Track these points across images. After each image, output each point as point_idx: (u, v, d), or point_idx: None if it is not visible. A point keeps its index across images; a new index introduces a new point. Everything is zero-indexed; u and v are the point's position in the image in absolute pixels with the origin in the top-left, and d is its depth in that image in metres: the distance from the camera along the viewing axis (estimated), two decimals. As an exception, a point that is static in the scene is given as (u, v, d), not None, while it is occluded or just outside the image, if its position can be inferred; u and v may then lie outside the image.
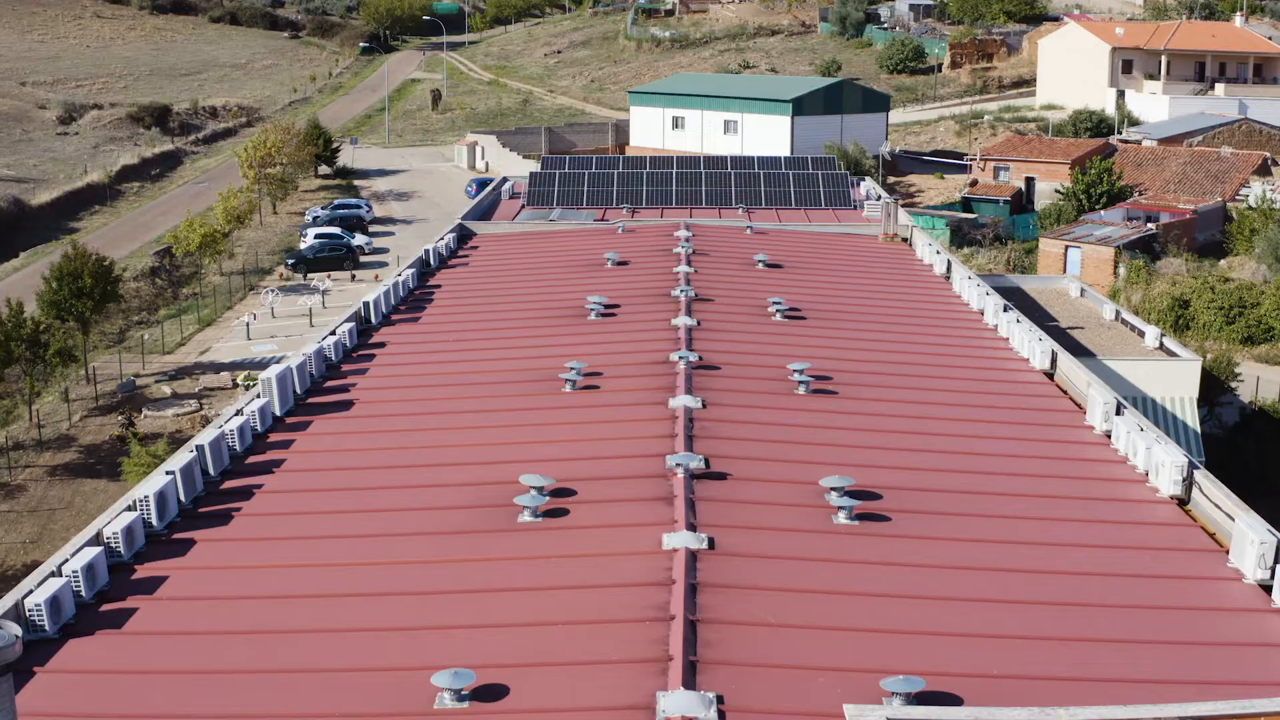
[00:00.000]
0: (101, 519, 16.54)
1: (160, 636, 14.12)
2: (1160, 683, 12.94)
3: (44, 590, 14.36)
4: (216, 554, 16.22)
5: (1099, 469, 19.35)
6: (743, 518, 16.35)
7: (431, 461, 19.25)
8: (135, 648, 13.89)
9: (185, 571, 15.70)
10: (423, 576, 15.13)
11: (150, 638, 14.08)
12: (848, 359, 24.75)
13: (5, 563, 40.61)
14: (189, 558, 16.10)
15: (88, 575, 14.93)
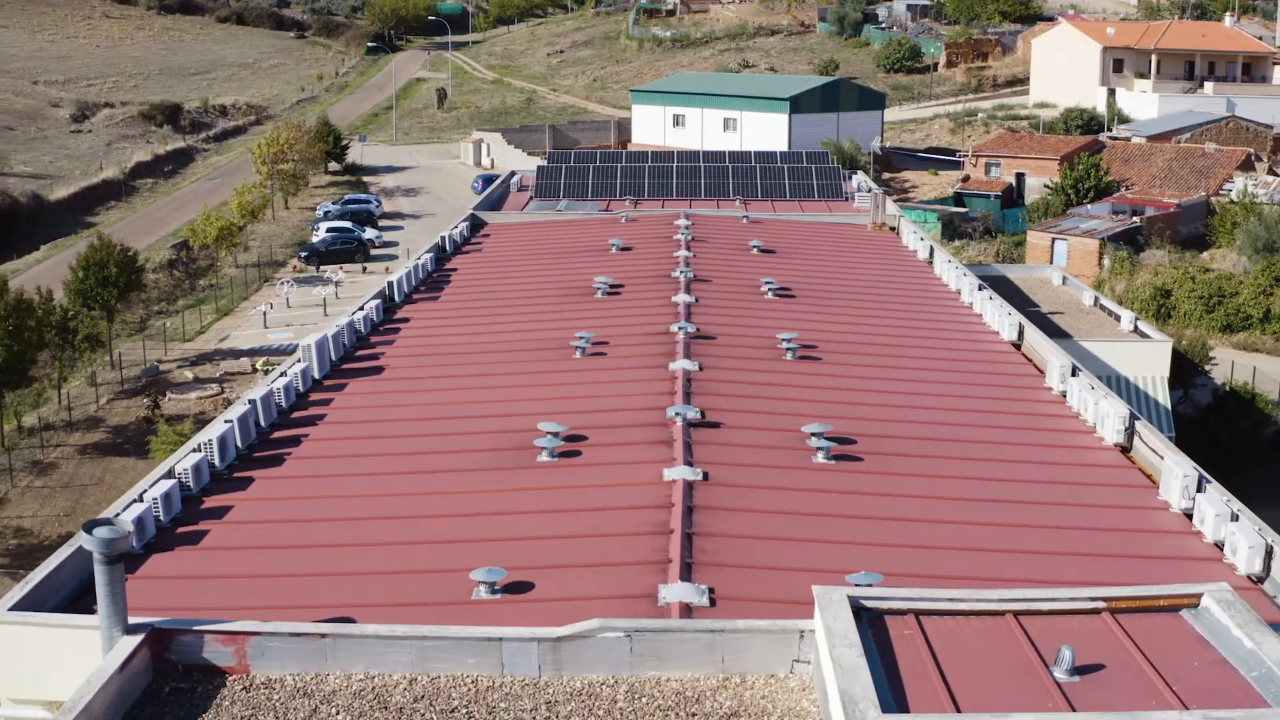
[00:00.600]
0: (173, 458, 18.88)
1: (230, 551, 16.46)
2: (1090, 583, 15.24)
3: (130, 513, 16.70)
4: (273, 488, 18.57)
5: (1053, 422, 21.67)
6: (733, 457, 18.70)
7: (458, 414, 21.61)
8: (208, 559, 16.22)
9: (247, 501, 18.05)
10: (457, 502, 17.49)
11: (221, 552, 16.42)
12: (832, 330, 27.09)
13: (42, 533, 42.94)
14: (249, 491, 18.45)
15: (165, 502, 17.28)
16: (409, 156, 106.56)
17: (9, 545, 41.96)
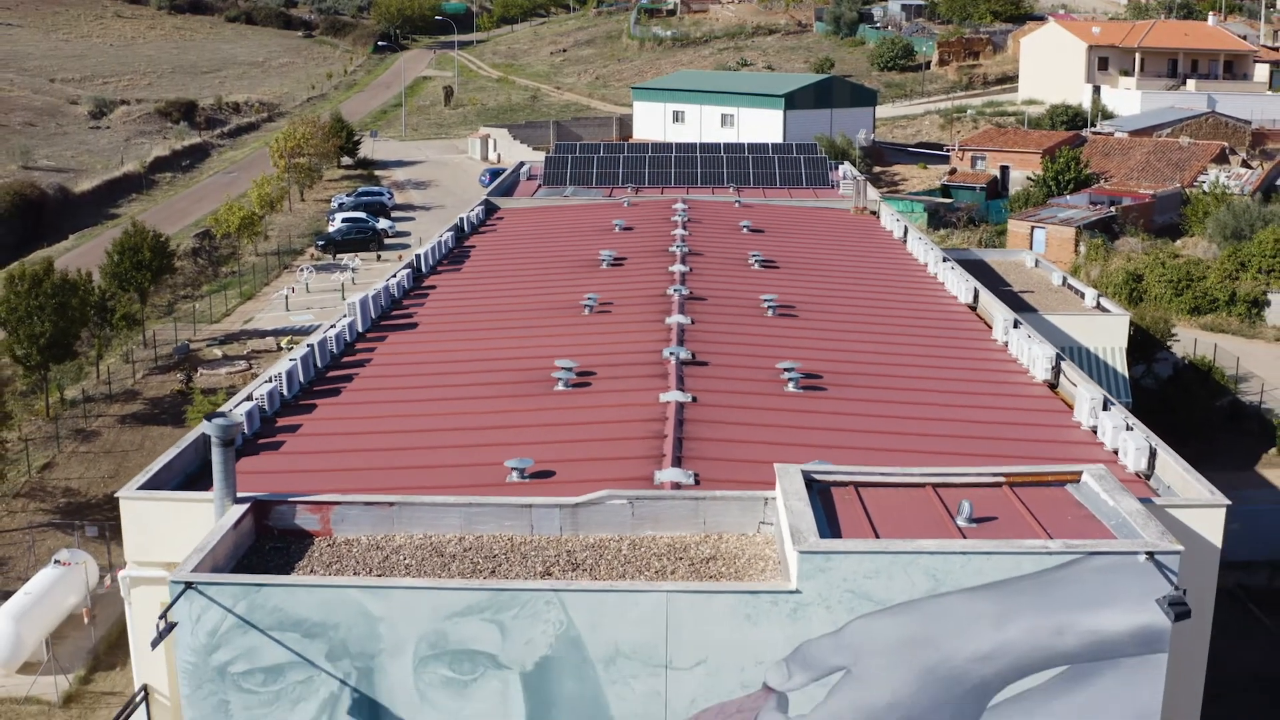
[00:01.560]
0: (250, 387, 22.51)
1: (308, 452, 20.09)
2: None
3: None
4: (334, 410, 22.23)
5: (993, 364, 25.30)
6: (718, 386, 22.34)
7: (485, 357, 25.25)
8: (291, 457, 19.85)
9: (315, 419, 21.71)
10: (489, 417, 21.15)
11: (301, 453, 20.06)
12: (809, 294, 30.72)
13: (88, 493, 46.50)
14: (314, 413, 22.11)
15: (248, 418, 20.92)
16: (418, 151, 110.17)
17: (59, 503, 45.55)
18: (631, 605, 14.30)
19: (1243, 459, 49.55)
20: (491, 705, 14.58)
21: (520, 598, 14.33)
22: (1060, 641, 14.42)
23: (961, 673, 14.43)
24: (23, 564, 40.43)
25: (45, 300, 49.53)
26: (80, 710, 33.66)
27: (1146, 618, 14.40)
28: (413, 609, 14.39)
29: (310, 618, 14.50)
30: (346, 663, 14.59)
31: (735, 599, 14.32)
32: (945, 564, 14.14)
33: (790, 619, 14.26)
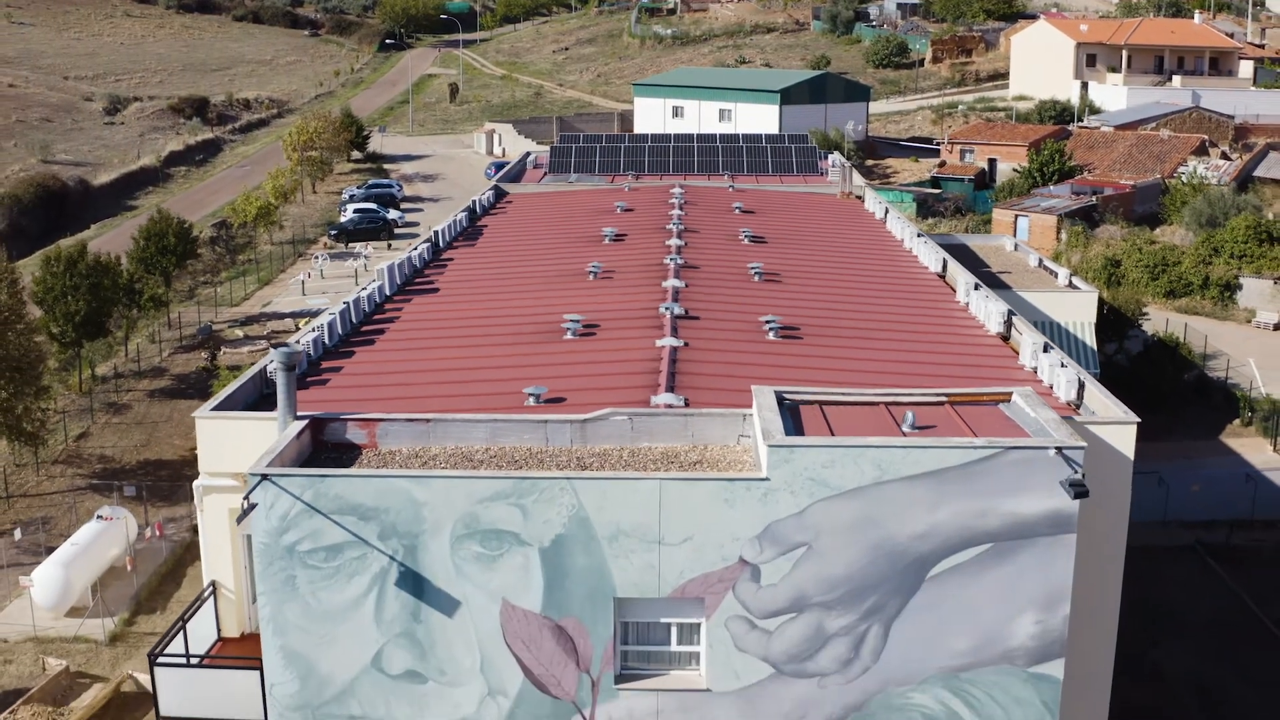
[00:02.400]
0: (295, 336, 25.55)
1: (353, 385, 23.14)
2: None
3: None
4: (373, 354, 25.31)
5: (953, 319, 28.34)
6: (708, 335, 25.40)
7: (501, 313, 28.32)
8: (340, 389, 22.88)
9: (356, 361, 24.78)
10: (508, 359, 24.23)
11: (347, 387, 23.10)
12: (794, 264, 33.77)
13: (122, 460, 49.56)
14: (355, 356, 25.18)
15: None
16: (425, 146, 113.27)
17: (95, 468, 48.64)
18: (631, 491, 17.37)
19: (1209, 429, 52.66)
20: (515, 576, 17.65)
21: (539, 485, 17.40)
22: (984, 523, 17.49)
23: (903, 548, 17.49)
24: (64, 522, 43.53)
25: (80, 280, 52.61)
26: (125, 648, 36.76)
27: (1057, 503, 17.45)
28: (450, 495, 17.46)
29: (365, 503, 17.57)
30: (394, 541, 17.65)
31: (716, 485, 17.39)
32: (888, 456, 17.20)
33: (761, 503, 17.33)
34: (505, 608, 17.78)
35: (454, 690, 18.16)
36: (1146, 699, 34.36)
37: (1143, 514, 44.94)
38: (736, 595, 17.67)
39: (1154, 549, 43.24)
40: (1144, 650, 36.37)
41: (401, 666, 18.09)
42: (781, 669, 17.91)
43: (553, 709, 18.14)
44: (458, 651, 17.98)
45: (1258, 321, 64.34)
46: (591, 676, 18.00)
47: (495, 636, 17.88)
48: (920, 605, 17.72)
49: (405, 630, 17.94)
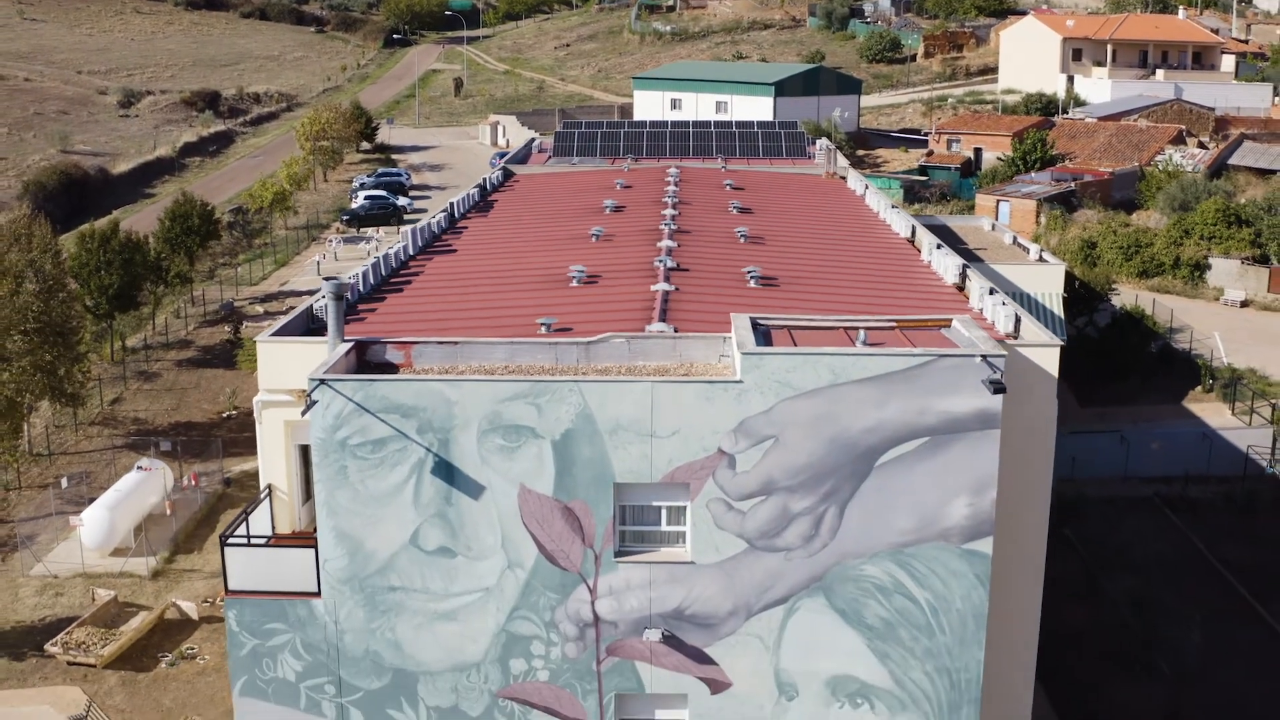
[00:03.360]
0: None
1: (389, 320, 26.61)
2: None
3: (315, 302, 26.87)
4: (403, 297, 28.78)
5: (916, 274, 31.81)
6: (696, 282, 28.89)
7: (514, 267, 31.81)
8: (379, 322, 26.35)
9: (390, 301, 28.26)
10: (520, 298, 27.72)
11: (384, 322, 26.58)
12: (777, 230, 37.25)
13: (154, 421, 53.08)
14: (388, 299, 28.65)
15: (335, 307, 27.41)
16: (431, 137, 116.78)
17: (130, 429, 52.14)
18: (628, 392, 20.86)
19: (1173, 395, 56.18)
20: (531, 464, 21.13)
21: (551, 387, 20.90)
22: (923, 419, 20.96)
23: (855, 441, 20.97)
24: (104, 476, 47.02)
25: (113, 256, 56.11)
26: (166, 583, 40.32)
27: (983, 403, 20.92)
28: (477, 396, 20.96)
29: (406, 403, 21.05)
30: (430, 436, 21.13)
31: (699, 387, 20.89)
32: (842, 362, 20.68)
33: (736, 402, 20.81)
34: (522, 492, 21.27)
35: (479, 564, 21.64)
36: (1087, 609, 37.98)
37: (1106, 470, 48.81)
38: (716, 481, 21.15)
39: (1115, 500, 46.86)
40: (1093, 577, 39.90)
41: (435, 543, 21.57)
42: (754, 544, 21.39)
43: (562, 579, 21.63)
44: (482, 530, 21.46)
45: (1225, 299, 67.81)
46: (595, 551, 21.48)
47: (514, 517, 21.36)
48: (869, 490, 21.20)
49: (438, 512, 21.42)
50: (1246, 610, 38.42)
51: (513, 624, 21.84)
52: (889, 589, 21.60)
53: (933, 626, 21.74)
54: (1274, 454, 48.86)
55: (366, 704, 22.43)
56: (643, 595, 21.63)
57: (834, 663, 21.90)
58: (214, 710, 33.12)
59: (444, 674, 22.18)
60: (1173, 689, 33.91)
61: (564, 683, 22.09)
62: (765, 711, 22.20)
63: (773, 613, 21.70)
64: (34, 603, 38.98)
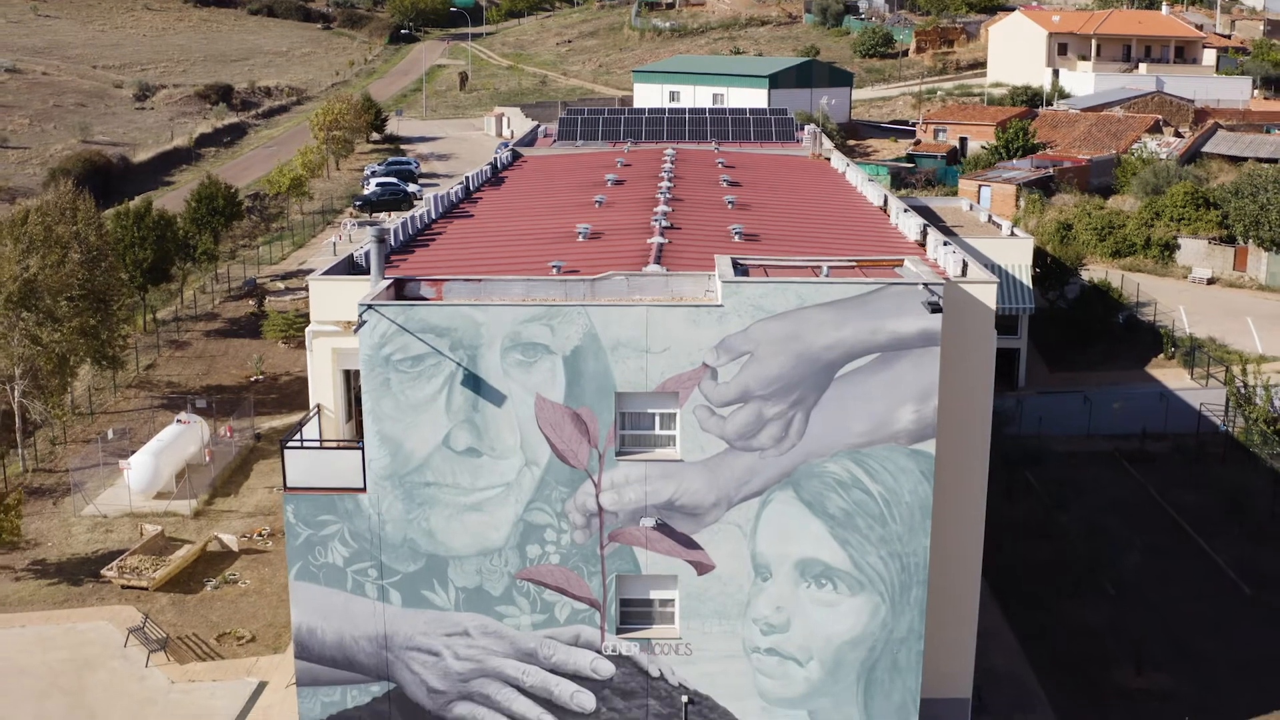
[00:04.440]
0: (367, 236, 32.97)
1: (421, 266, 30.56)
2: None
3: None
4: (428, 251, 32.73)
5: (884, 233, 35.75)
6: (687, 238, 32.84)
7: (526, 227, 35.77)
8: (414, 265, 30.29)
9: (414, 255, 32.21)
10: (534, 250, 31.67)
11: (417, 268, 30.52)
12: (762, 199, 41.20)
13: (187, 385, 56.96)
14: (414, 253, 32.60)
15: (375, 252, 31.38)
16: (438, 129, 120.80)
17: (164, 392, 56.09)
18: (627, 314, 24.81)
19: (1137, 361, 60.16)
20: (546, 376, 25.08)
21: (563, 310, 24.85)
22: (875, 338, 24.91)
23: (817, 355, 24.92)
24: (143, 432, 50.92)
25: (147, 233, 60.02)
26: (207, 521, 44.24)
27: (925, 324, 24.87)
28: (501, 318, 24.91)
29: (440, 325, 24.99)
30: (461, 352, 25.08)
31: (687, 310, 24.85)
32: (807, 289, 24.63)
33: (718, 323, 24.77)
34: (538, 400, 25.22)
35: (501, 462, 25.60)
36: (1043, 542, 41.99)
37: (1070, 428, 52.79)
38: (701, 390, 25.11)
39: (1078, 454, 50.77)
40: (1050, 514, 43.87)
41: (464, 444, 25.53)
42: (733, 444, 25.35)
43: (571, 475, 25.58)
44: (504, 433, 25.42)
45: (1193, 277, 71.74)
46: (599, 451, 25.44)
47: (531, 422, 25.31)
48: (830, 398, 25.15)
49: (467, 417, 25.38)
50: (1189, 543, 42.34)
51: (529, 514, 25.81)
52: (848, 483, 25.57)
53: (885, 516, 25.71)
54: (1227, 412, 52.72)
55: (404, 585, 26.39)
56: (639, 489, 25.60)
57: (802, 548, 25.87)
58: (255, 624, 37.05)
59: (470, 558, 26.15)
60: (1116, 606, 37.85)
61: (572, 565, 26.06)
62: (743, 591, 26.17)
63: (749, 504, 25.67)
64: (86, 538, 42.89)
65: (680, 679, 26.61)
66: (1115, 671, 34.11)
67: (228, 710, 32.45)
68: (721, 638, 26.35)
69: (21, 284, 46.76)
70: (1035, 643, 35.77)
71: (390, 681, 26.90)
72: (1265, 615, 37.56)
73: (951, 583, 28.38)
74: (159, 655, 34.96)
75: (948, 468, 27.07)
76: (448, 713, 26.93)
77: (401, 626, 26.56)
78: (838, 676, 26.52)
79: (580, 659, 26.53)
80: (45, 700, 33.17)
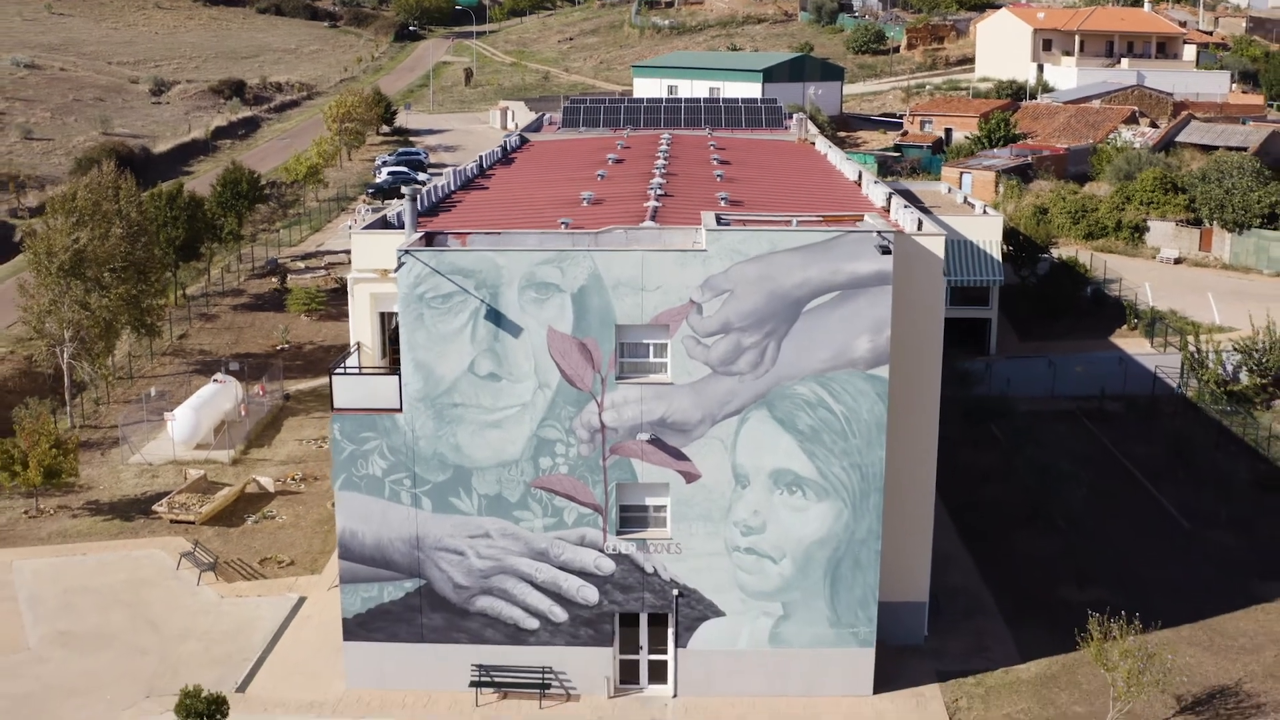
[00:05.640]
0: (398, 202, 37.37)
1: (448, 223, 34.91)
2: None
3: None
4: (450, 215, 37.10)
5: (855, 200, 40.09)
6: (679, 203, 37.21)
7: (536, 195, 40.13)
8: (442, 223, 34.64)
9: (438, 217, 36.58)
10: (544, 213, 36.06)
11: (444, 225, 34.88)
12: (749, 175, 45.55)
13: (217, 352, 61.30)
14: (438, 216, 36.97)
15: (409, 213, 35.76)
16: (445, 122, 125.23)
17: (197, 359, 60.46)
18: (626, 258, 29.16)
19: (1102, 331, 64.56)
20: (556, 311, 29.42)
21: (571, 255, 29.21)
22: (835, 277, 29.25)
23: (787, 293, 29.26)
24: (180, 394, 55.24)
25: (179, 213, 64.38)
26: (244, 468, 48.61)
27: (879, 266, 29.21)
28: (518, 261, 29.26)
29: (466, 267, 29.34)
30: (484, 290, 29.43)
31: (676, 255, 29.21)
32: (778, 236, 29.00)
33: (703, 265, 29.12)
34: (550, 331, 29.56)
35: (517, 385, 29.95)
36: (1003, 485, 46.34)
37: (1035, 389, 57.13)
38: (688, 323, 29.45)
39: (1042, 413, 55.10)
40: (1010, 461, 48.22)
41: (486, 370, 29.88)
42: (716, 370, 29.69)
43: (578, 397, 29.92)
44: (520, 360, 29.76)
45: (1161, 257, 76.08)
46: (602, 376, 29.78)
47: (543, 350, 29.65)
48: (798, 330, 29.49)
49: (489, 347, 29.72)
50: (1138, 487, 46.69)
51: (542, 430, 30.17)
52: (814, 404, 29.92)
53: (846, 432, 30.06)
54: (1182, 376, 57.07)
55: (434, 493, 30.74)
56: (636, 408, 29.95)
57: (775, 459, 30.22)
58: (293, 551, 41.41)
59: (491, 469, 30.50)
60: (1066, 538, 42.20)
61: (579, 475, 30.41)
62: (725, 497, 30.52)
63: (730, 421, 30.02)
64: (134, 483, 47.26)
65: (671, 575, 30.96)
66: (1059, 588, 38.43)
67: (272, 619, 36.80)
68: (707, 538, 30.70)
69: (72, 254, 51.11)
70: (990, 566, 40.12)
71: (421, 578, 31.24)
72: (1200, 546, 41.90)
73: (908, 495, 32.75)
74: (208, 575, 39.32)
75: (903, 391, 31.43)
76: (471, 605, 31.29)
77: (431, 529, 30.90)
78: (807, 572, 30.87)
79: (585, 557, 30.87)
80: (109, 612, 37.51)
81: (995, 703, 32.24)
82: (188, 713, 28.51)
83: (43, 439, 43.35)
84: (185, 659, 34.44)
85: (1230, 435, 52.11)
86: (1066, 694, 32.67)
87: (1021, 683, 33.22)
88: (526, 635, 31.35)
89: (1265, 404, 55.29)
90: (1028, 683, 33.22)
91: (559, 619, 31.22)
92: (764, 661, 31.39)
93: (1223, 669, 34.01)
